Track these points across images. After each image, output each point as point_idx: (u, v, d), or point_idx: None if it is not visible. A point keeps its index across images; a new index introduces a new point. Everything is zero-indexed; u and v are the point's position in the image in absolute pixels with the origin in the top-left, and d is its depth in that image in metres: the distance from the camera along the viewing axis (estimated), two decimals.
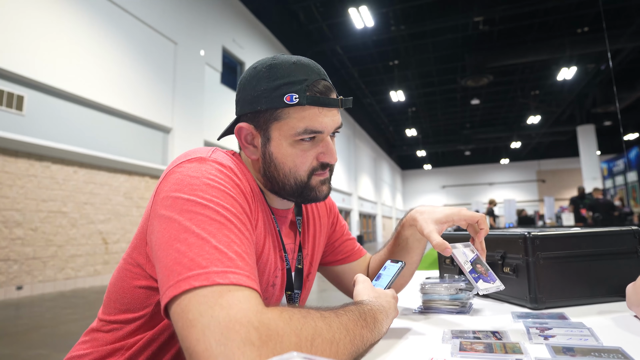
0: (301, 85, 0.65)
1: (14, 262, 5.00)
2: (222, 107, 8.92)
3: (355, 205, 19.18)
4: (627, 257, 0.84)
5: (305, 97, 0.65)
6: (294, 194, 0.71)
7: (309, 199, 0.73)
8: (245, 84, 0.70)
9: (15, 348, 2.93)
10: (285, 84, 0.65)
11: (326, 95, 0.67)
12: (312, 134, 0.67)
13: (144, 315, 0.64)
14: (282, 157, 0.68)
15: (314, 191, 0.71)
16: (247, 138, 0.71)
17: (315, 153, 0.69)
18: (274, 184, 0.71)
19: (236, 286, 0.47)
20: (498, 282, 0.72)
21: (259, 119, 0.68)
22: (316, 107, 0.66)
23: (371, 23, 9.73)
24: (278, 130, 0.67)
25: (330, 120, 0.68)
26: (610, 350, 0.51)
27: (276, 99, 0.65)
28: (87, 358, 0.65)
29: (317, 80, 0.67)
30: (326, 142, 0.69)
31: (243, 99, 0.70)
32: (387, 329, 0.63)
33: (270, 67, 0.67)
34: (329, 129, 0.68)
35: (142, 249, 0.63)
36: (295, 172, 0.69)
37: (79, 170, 5.90)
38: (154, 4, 7.18)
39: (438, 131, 24.23)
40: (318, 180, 0.71)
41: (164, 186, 0.58)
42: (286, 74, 0.66)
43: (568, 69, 12.12)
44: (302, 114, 0.66)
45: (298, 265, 0.80)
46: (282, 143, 0.68)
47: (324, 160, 0.70)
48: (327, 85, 0.68)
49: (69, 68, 5.54)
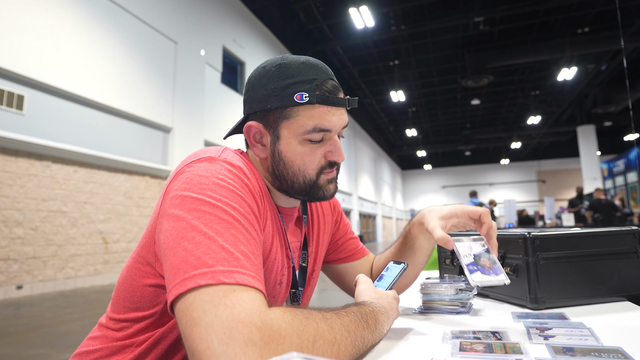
0: (311, 85, 0.66)
1: (14, 262, 5.00)
2: (222, 106, 8.92)
3: (356, 205, 19.18)
4: (627, 257, 0.84)
5: (315, 96, 0.66)
6: (302, 192, 0.72)
7: (316, 198, 0.73)
8: (254, 83, 0.70)
9: (15, 348, 2.93)
10: (295, 83, 0.66)
11: (334, 94, 0.68)
12: (321, 133, 0.68)
13: (154, 314, 0.64)
14: (292, 156, 0.69)
15: (322, 190, 0.72)
16: (255, 137, 0.72)
17: (323, 152, 0.70)
18: (282, 182, 0.71)
19: (241, 286, 0.47)
20: (502, 276, 0.67)
21: (269, 118, 0.69)
22: (325, 106, 0.67)
23: (371, 23, 9.73)
24: (287, 129, 0.68)
25: (338, 119, 0.69)
26: (610, 350, 0.51)
27: (286, 97, 0.66)
28: (97, 354, 0.65)
29: (326, 79, 0.68)
30: (334, 141, 0.70)
31: (252, 98, 0.70)
32: (388, 330, 0.63)
33: (280, 66, 0.68)
34: (337, 127, 0.69)
35: (151, 247, 0.63)
36: (304, 170, 0.70)
37: (79, 169, 5.90)
38: (154, 3, 7.18)
39: (438, 131, 24.23)
40: (326, 179, 0.72)
41: (173, 185, 0.59)
42: (296, 73, 0.67)
43: (568, 69, 12.11)
44: (311, 112, 0.67)
45: (302, 264, 0.80)
46: (291, 141, 0.68)
47: (332, 159, 0.71)
48: (335, 85, 0.69)
49: (70, 68, 5.54)
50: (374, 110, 20.36)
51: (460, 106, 19.39)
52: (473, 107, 19.27)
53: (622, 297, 0.83)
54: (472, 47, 12.76)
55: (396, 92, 14.47)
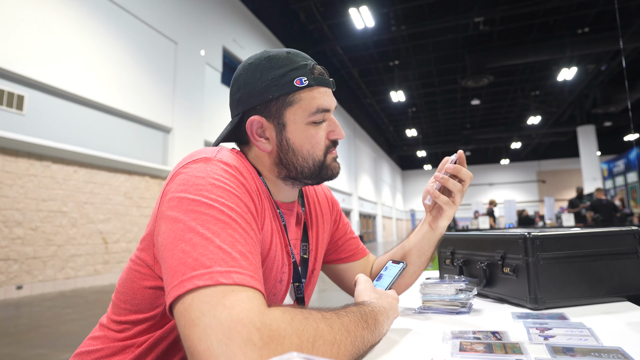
0: (305, 69, 0.69)
1: (14, 262, 5.00)
2: (222, 107, 8.91)
3: (355, 205, 19.18)
4: (627, 258, 0.84)
5: (312, 79, 0.69)
6: (311, 175, 0.73)
7: (326, 177, 0.75)
8: (246, 79, 0.71)
9: (15, 348, 2.93)
10: (291, 70, 0.69)
11: (325, 76, 0.72)
12: (322, 113, 0.71)
13: (154, 316, 0.64)
14: (300, 140, 0.71)
15: (329, 169, 0.74)
16: (258, 131, 0.71)
17: (325, 132, 0.73)
18: (291, 170, 0.72)
19: (239, 286, 0.47)
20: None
21: (271, 108, 0.69)
22: (322, 87, 0.71)
23: (371, 23, 9.74)
24: (293, 115, 0.70)
25: (331, 99, 0.73)
26: (610, 351, 0.51)
27: (287, 84, 0.68)
28: (97, 354, 0.65)
29: (314, 64, 0.72)
30: (333, 120, 0.74)
31: (248, 93, 0.70)
32: (388, 330, 0.64)
33: (270, 58, 0.70)
34: (332, 107, 0.73)
35: (151, 250, 0.63)
36: (314, 153, 0.72)
37: (79, 169, 5.90)
38: (154, 3, 7.18)
39: (438, 131, 24.24)
40: (332, 157, 0.75)
41: (170, 187, 0.59)
42: (287, 62, 0.70)
43: (568, 70, 12.11)
44: (312, 94, 0.70)
45: (304, 255, 0.80)
46: (297, 127, 0.70)
47: (334, 137, 0.74)
48: (323, 68, 0.73)
49: (70, 68, 5.54)
50: (374, 110, 20.36)
51: (460, 106, 19.39)
52: (473, 107, 19.27)
53: (622, 297, 0.83)
54: (472, 47, 12.76)
55: (396, 92, 14.47)
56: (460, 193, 0.78)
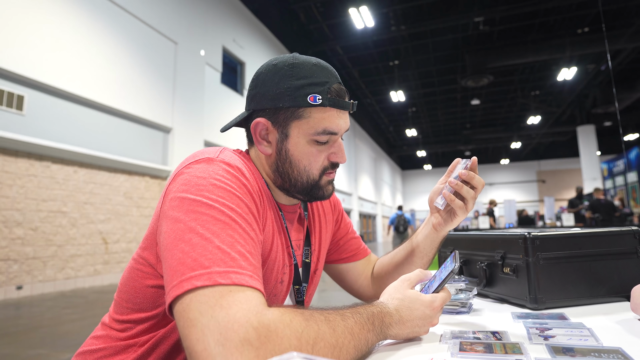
0: (323, 87, 0.68)
1: (14, 262, 5.00)
2: (222, 107, 8.91)
3: (356, 205, 19.18)
4: (627, 258, 0.84)
5: (327, 99, 0.68)
6: (303, 191, 0.73)
7: (315, 197, 0.75)
8: (265, 80, 0.70)
9: (15, 348, 2.93)
10: (308, 84, 0.67)
11: (343, 98, 0.70)
12: (328, 135, 0.70)
13: (156, 315, 0.64)
14: (299, 155, 0.70)
15: (322, 190, 0.74)
16: (261, 133, 0.72)
17: (327, 153, 0.72)
18: (285, 180, 0.72)
19: (238, 286, 0.47)
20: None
21: (279, 116, 0.69)
22: (335, 109, 0.69)
23: (371, 23, 9.74)
24: (297, 129, 0.69)
25: (343, 122, 0.72)
26: (610, 351, 0.51)
27: (299, 98, 0.67)
28: (100, 353, 0.65)
29: (336, 83, 0.70)
30: (339, 143, 0.73)
31: (262, 94, 0.70)
32: (398, 335, 0.59)
33: (293, 66, 0.69)
34: (342, 130, 0.72)
35: (153, 249, 0.64)
36: (309, 170, 0.71)
37: (79, 170, 5.90)
38: (154, 3, 7.18)
39: (438, 131, 24.23)
40: (327, 179, 0.74)
41: (172, 187, 0.59)
42: (309, 75, 0.68)
43: (568, 70, 12.11)
44: (322, 115, 0.68)
45: (305, 259, 0.80)
46: (300, 141, 0.69)
47: (335, 160, 0.73)
48: (343, 89, 0.71)
49: (70, 68, 5.54)
50: (374, 110, 20.35)
51: (460, 106, 19.38)
52: (473, 107, 19.27)
53: (622, 297, 0.83)
54: (472, 47, 12.75)
55: (396, 92, 14.47)
56: (473, 200, 0.77)
